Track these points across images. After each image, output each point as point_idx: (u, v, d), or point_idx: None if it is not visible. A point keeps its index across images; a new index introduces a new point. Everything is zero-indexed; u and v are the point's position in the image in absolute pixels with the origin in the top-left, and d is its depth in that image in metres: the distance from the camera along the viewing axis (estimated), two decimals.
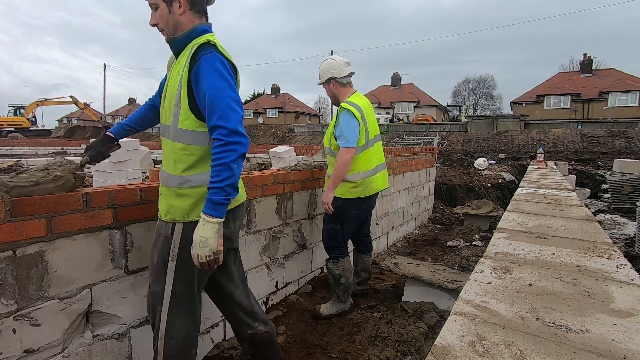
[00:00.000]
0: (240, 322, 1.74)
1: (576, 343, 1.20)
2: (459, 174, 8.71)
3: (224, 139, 1.33)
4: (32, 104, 25.13)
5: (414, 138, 21.70)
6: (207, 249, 1.35)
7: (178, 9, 1.45)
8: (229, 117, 1.34)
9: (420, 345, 2.30)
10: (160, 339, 1.48)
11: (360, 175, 2.66)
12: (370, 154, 2.73)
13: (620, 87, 28.58)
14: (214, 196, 1.33)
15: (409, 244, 5.13)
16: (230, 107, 1.36)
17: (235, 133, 1.34)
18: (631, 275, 1.78)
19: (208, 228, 1.34)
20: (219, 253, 1.38)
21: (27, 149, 14.86)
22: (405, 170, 5.17)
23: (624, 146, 16.30)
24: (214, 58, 1.38)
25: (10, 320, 1.32)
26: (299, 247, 3.03)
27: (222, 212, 1.35)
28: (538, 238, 2.43)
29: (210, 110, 1.36)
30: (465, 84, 50.16)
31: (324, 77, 2.74)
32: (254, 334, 1.74)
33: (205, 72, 1.37)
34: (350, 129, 2.55)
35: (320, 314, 2.70)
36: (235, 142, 1.33)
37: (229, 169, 1.32)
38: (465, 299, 1.52)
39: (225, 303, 1.75)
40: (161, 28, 1.49)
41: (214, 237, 1.35)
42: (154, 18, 1.48)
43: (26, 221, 1.34)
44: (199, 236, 1.35)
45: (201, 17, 1.53)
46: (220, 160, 1.32)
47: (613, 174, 8.87)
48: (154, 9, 1.47)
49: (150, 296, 1.53)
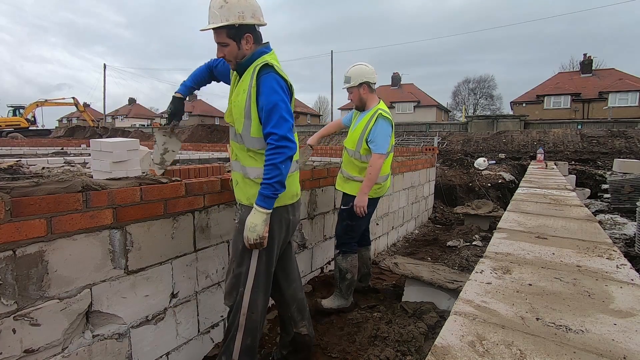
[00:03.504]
0: (291, 317, 2.00)
1: (576, 343, 1.20)
2: (459, 174, 8.71)
3: (274, 143, 1.59)
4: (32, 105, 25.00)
5: (414, 138, 21.69)
6: (255, 234, 1.61)
7: (246, 45, 1.71)
8: (280, 125, 1.60)
9: (420, 345, 2.30)
10: (242, 315, 1.73)
11: (382, 178, 2.84)
12: (389, 160, 2.94)
13: (620, 87, 28.57)
14: (264, 190, 1.59)
15: (409, 244, 5.13)
16: (282, 117, 1.61)
17: (284, 139, 1.59)
18: (631, 275, 1.78)
19: (258, 216, 1.61)
20: (264, 238, 1.64)
21: (27, 149, 14.84)
22: (405, 170, 5.17)
23: (624, 146, 16.29)
24: (270, 77, 1.64)
25: (10, 320, 1.32)
26: (299, 247, 3.03)
27: (270, 204, 1.62)
28: (538, 238, 2.43)
29: (266, 120, 1.63)
30: (465, 84, 50.16)
31: (358, 80, 2.77)
32: (298, 334, 2.00)
33: (263, 89, 1.64)
34: (387, 137, 2.72)
35: (321, 306, 2.78)
36: (284, 146, 1.59)
37: (277, 169, 1.58)
38: (465, 299, 1.52)
39: (282, 295, 1.98)
40: (229, 60, 1.74)
41: (261, 225, 1.61)
42: (222, 52, 1.72)
43: (26, 221, 1.34)
44: (250, 222, 1.62)
45: (260, 42, 1.78)
46: (271, 160, 1.58)
47: (613, 174, 8.87)
48: (222, 46, 1.70)
49: (234, 279, 1.77)
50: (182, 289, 1.98)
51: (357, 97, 2.82)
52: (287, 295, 1.99)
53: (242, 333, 1.72)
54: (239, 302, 1.73)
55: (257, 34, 1.75)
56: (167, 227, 1.87)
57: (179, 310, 1.97)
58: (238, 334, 1.72)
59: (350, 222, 2.82)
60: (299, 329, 2.00)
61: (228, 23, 1.63)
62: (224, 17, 1.63)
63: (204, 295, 2.13)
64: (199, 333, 2.12)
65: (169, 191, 1.86)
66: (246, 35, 1.69)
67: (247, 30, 1.69)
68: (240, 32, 1.68)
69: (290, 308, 1.99)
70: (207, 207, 2.09)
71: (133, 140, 2.15)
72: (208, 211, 2.10)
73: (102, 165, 2.02)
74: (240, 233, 1.72)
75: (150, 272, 1.80)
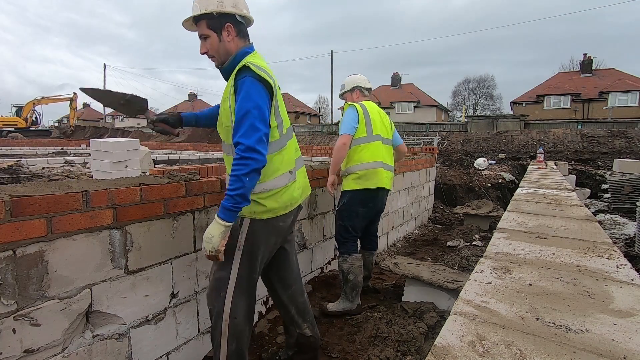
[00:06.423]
0: (292, 320, 1.97)
1: (576, 343, 1.20)
2: (459, 174, 8.71)
3: (240, 153, 1.49)
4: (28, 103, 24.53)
5: (414, 138, 21.69)
6: (211, 245, 1.50)
7: (227, 36, 1.63)
8: (249, 135, 1.50)
9: (420, 345, 2.30)
10: (224, 320, 1.66)
11: (363, 165, 2.80)
12: (375, 148, 2.86)
13: (620, 87, 28.57)
14: (226, 202, 1.49)
15: (409, 244, 5.13)
16: (252, 126, 1.51)
17: (251, 150, 1.49)
18: (631, 275, 1.78)
19: (215, 228, 1.50)
20: (219, 251, 1.52)
21: (27, 149, 14.85)
22: (405, 170, 5.18)
23: (624, 146, 16.29)
24: (247, 82, 1.54)
25: (10, 320, 1.32)
26: (299, 247, 3.03)
27: (230, 217, 1.50)
28: (538, 238, 2.43)
29: (236, 128, 1.54)
30: (465, 84, 50.17)
31: (350, 86, 3.03)
32: (301, 335, 1.98)
33: (238, 95, 1.55)
34: (347, 119, 2.79)
35: (327, 310, 2.78)
36: (250, 157, 1.48)
37: (239, 181, 1.48)
38: (465, 299, 1.52)
39: (280, 298, 1.95)
40: (212, 55, 1.66)
41: (218, 237, 1.50)
42: (204, 47, 1.65)
43: (26, 221, 1.34)
44: (207, 233, 1.51)
45: (245, 40, 1.70)
46: (235, 172, 1.48)
47: (613, 174, 8.86)
48: (203, 39, 1.64)
49: (215, 282, 1.70)
50: (182, 289, 1.98)
51: (350, 101, 3.02)
52: (284, 300, 1.96)
53: (226, 339, 1.67)
54: (221, 308, 1.67)
55: (241, 28, 1.68)
56: (167, 227, 1.87)
57: (179, 310, 1.98)
58: (222, 340, 1.67)
59: (341, 223, 2.85)
60: (303, 331, 1.98)
61: (206, 11, 1.58)
62: (202, 6, 1.60)
63: (204, 296, 2.12)
64: (199, 333, 2.12)
65: (169, 191, 1.86)
66: (227, 25, 1.62)
67: (228, 20, 1.62)
68: (221, 22, 1.61)
69: (290, 311, 1.96)
70: (207, 207, 2.09)
71: (133, 140, 2.15)
72: (208, 211, 2.10)
73: (102, 165, 2.03)
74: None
75: (150, 272, 1.80)
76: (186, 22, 1.69)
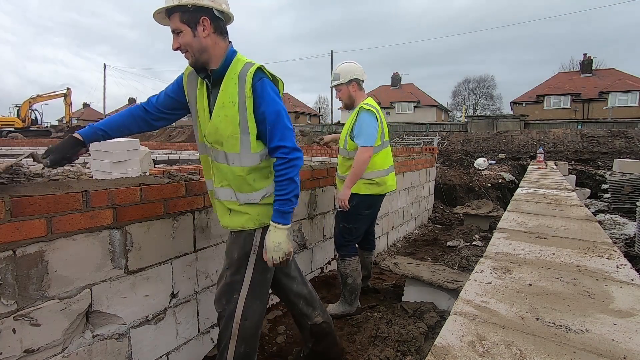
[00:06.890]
0: (301, 313, 1.97)
1: (576, 343, 1.20)
2: (459, 174, 8.71)
3: (286, 156, 1.52)
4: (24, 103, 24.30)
5: (414, 138, 21.70)
6: (281, 252, 1.55)
7: (202, 32, 1.50)
8: (287, 137, 1.53)
9: (420, 345, 2.30)
10: (235, 322, 1.64)
11: (377, 173, 2.75)
12: (386, 155, 2.83)
13: (620, 87, 28.56)
14: (283, 207, 1.53)
15: (409, 244, 5.13)
16: (286, 127, 1.54)
17: (295, 150, 1.53)
18: (631, 275, 1.78)
19: (279, 234, 1.54)
20: (290, 254, 1.58)
21: (27, 149, 14.84)
22: (405, 170, 5.18)
23: (624, 146, 16.30)
24: (267, 84, 1.53)
25: (10, 320, 1.32)
26: (299, 247, 3.03)
27: (289, 219, 1.56)
28: (538, 238, 2.43)
29: (271, 133, 1.53)
30: (465, 84, 50.15)
31: (347, 77, 2.74)
32: (314, 325, 1.98)
33: (262, 98, 1.51)
34: (370, 128, 2.61)
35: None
36: (296, 157, 1.54)
37: (293, 182, 1.53)
38: (465, 299, 1.52)
39: (286, 295, 1.94)
40: (184, 50, 1.53)
41: (285, 241, 1.55)
42: (176, 42, 1.52)
43: (26, 221, 1.34)
44: (272, 242, 1.54)
45: (224, 38, 1.58)
46: (286, 175, 1.52)
47: (613, 174, 8.87)
48: (176, 34, 1.51)
49: (227, 286, 1.67)
50: (182, 289, 1.98)
51: (346, 94, 2.78)
52: (291, 295, 1.95)
53: (235, 341, 1.65)
54: (232, 311, 1.64)
55: (219, 24, 1.54)
56: (167, 227, 1.87)
57: (179, 310, 1.98)
58: (231, 342, 1.65)
59: (345, 225, 2.76)
60: (314, 320, 1.98)
61: (180, 3, 1.44)
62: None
63: (204, 295, 2.13)
64: (199, 333, 2.12)
65: (169, 191, 1.86)
66: (202, 19, 1.47)
67: (204, 14, 1.48)
68: (196, 16, 1.47)
69: (298, 305, 1.95)
70: (207, 207, 2.09)
71: (133, 140, 2.15)
72: (208, 211, 2.10)
73: (102, 165, 2.02)
74: (233, 243, 1.66)
75: (150, 272, 1.80)
76: (158, 15, 1.54)
